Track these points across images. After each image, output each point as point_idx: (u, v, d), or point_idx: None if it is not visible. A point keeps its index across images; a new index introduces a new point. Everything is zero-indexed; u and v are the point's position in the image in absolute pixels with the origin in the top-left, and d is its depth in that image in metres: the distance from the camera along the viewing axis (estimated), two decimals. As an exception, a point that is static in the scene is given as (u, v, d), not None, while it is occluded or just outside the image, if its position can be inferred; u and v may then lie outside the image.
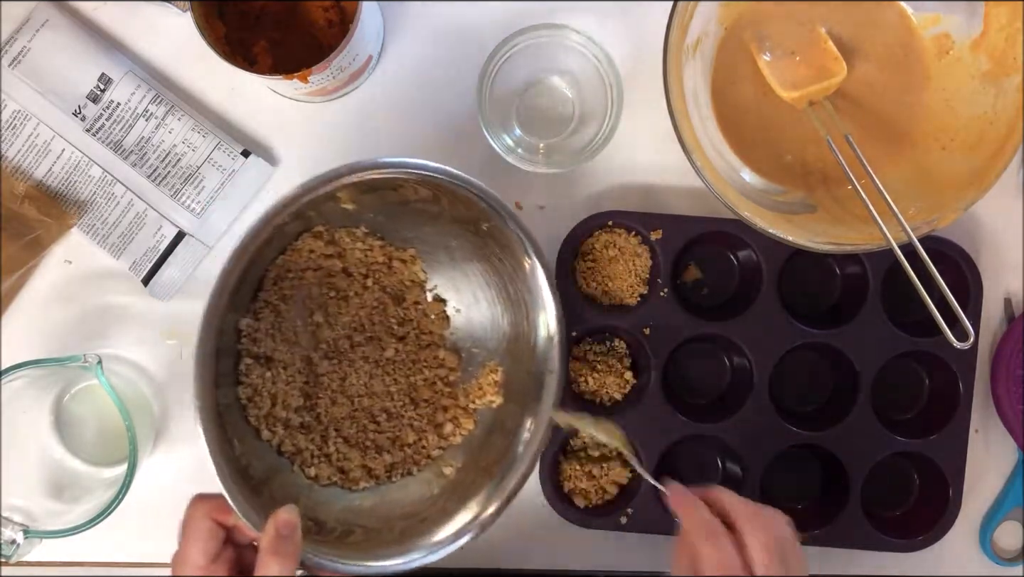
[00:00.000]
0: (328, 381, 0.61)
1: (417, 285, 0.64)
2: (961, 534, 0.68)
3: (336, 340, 0.62)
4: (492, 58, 0.60)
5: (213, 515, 0.50)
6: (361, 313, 0.63)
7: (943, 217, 0.58)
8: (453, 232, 0.61)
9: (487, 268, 0.62)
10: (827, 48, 0.62)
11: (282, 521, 0.49)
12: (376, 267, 0.63)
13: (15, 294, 0.65)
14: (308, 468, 0.60)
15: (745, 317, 0.65)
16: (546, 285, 0.58)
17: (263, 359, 0.60)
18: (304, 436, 0.60)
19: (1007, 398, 0.67)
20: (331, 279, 0.62)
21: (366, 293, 0.63)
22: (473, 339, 0.64)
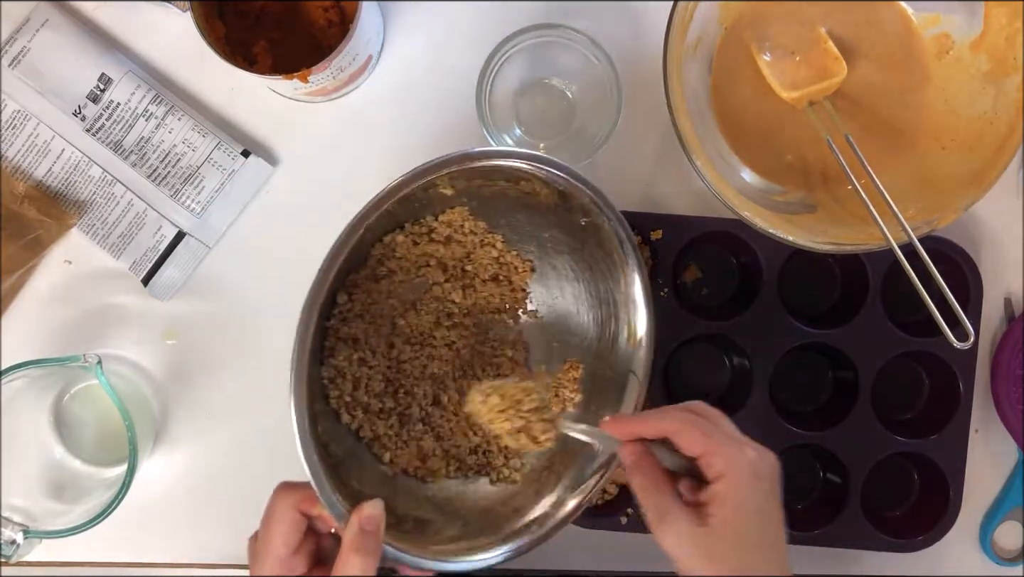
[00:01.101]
0: (410, 368, 0.60)
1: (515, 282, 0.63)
2: (961, 534, 0.68)
3: (422, 326, 0.61)
4: (492, 58, 0.60)
5: (299, 505, 0.48)
6: (451, 300, 0.62)
7: (943, 217, 0.58)
8: (547, 223, 0.60)
9: (578, 263, 0.61)
10: (827, 48, 0.62)
11: (366, 516, 0.47)
12: (477, 256, 0.62)
13: (15, 294, 0.65)
14: (384, 453, 0.58)
15: (745, 317, 0.65)
16: (641, 288, 0.57)
17: (350, 340, 0.58)
18: (383, 422, 0.59)
19: (1007, 398, 0.67)
20: (428, 262, 0.61)
21: (460, 280, 0.62)
22: (555, 333, 0.63)
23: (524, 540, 0.55)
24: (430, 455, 0.60)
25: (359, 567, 0.46)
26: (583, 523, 0.65)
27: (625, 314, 0.59)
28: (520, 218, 0.60)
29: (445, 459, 0.60)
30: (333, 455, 0.54)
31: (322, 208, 0.66)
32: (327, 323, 0.58)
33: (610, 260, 0.58)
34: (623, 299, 0.59)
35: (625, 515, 0.65)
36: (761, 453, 0.47)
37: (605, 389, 0.60)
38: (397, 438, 0.59)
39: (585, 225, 0.57)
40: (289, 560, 0.47)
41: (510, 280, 0.63)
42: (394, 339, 0.60)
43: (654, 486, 0.48)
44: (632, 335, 0.59)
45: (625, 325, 0.59)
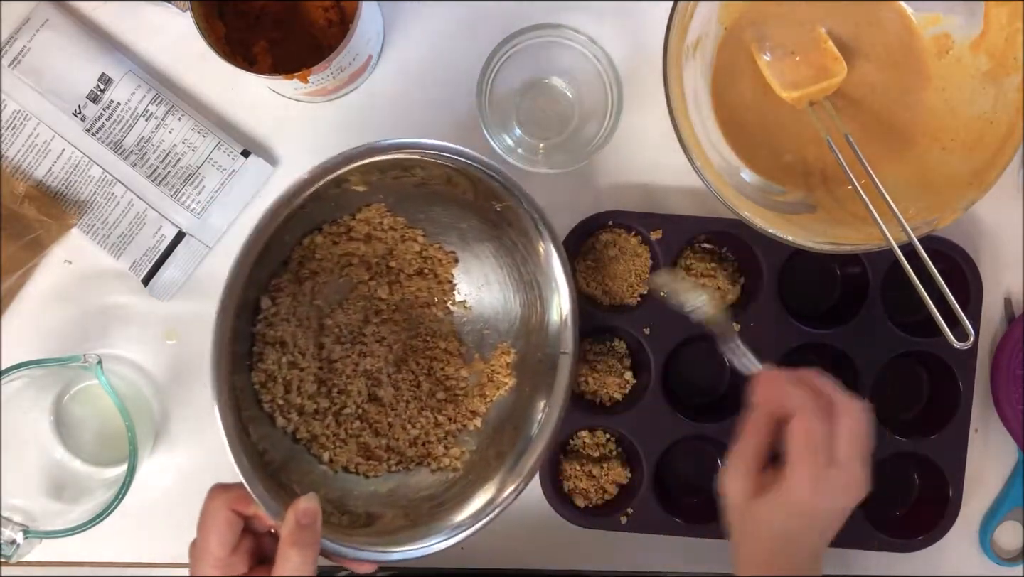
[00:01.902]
0: (342, 367, 0.61)
1: (440, 274, 0.64)
2: (961, 534, 0.68)
3: (351, 325, 0.62)
4: (492, 58, 0.60)
5: (232, 505, 0.49)
6: (378, 297, 0.62)
7: (943, 217, 0.58)
8: (465, 214, 0.61)
9: (499, 249, 0.62)
10: (827, 48, 0.62)
11: (302, 510, 0.48)
12: (399, 251, 0.62)
13: (15, 294, 0.65)
14: (324, 453, 0.59)
15: (745, 317, 0.65)
16: (560, 266, 0.58)
17: (278, 344, 0.59)
18: (319, 422, 0.60)
19: (1007, 398, 0.67)
20: (351, 261, 0.62)
21: (385, 277, 0.63)
22: (484, 321, 0.64)
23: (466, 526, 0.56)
24: (369, 451, 0.61)
25: (298, 561, 0.47)
26: (583, 523, 0.65)
27: (549, 294, 0.60)
28: (437, 210, 0.61)
29: (385, 453, 0.61)
30: (271, 461, 0.55)
31: (322, 208, 0.66)
32: (253, 328, 0.59)
33: (527, 242, 0.59)
34: (545, 280, 0.59)
35: (625, 515, 0.65)
36: (833, 492, 0.49)
37: (539, 371, 0.61)
38: (335, 437, 0.60)
39: (500, 210, 0.58)
40: (227, 560, 0.48)
41: (435, 273, 0.64)
42: (323, 339, 0.61)
43: (751, 439, 0.51)
44: (557, 314, 0.59)
45: (550, 306, 0.60)
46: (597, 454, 0.66)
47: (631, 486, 0.66)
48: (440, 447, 0.62)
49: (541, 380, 0.60)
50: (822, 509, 0.49)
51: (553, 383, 0.59)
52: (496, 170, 0.55)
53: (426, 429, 0.62)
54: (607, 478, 0.66)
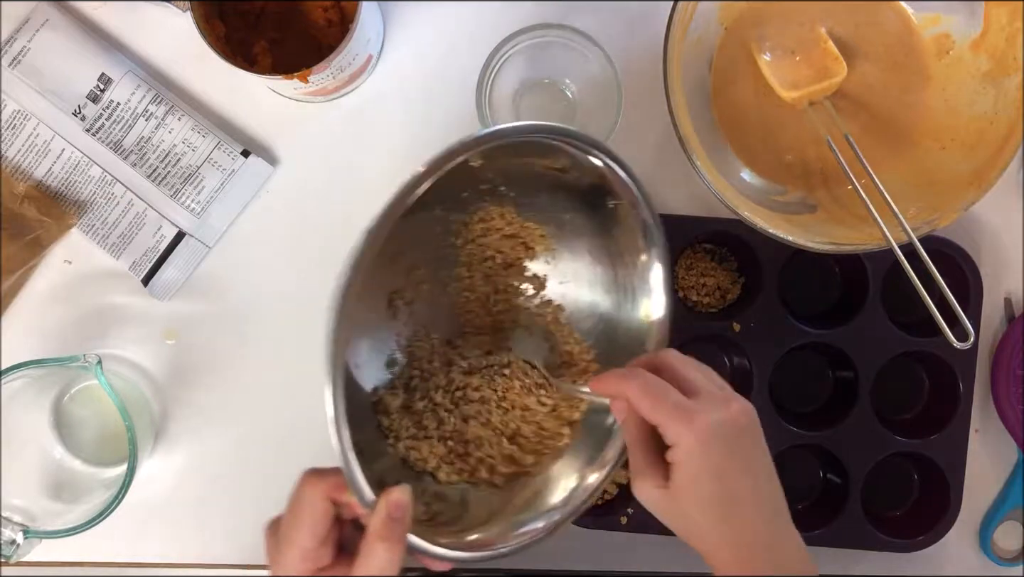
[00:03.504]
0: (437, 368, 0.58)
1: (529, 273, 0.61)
2: (961, 534, 0.68)
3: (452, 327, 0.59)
4: (492, 58, 0.60)
5: (329, 493, 0.45)
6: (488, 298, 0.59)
7: (943, 217, 0.58)
8: (571, 205, 0.57)
9: (597, 246, 0.59)
10: (827, 48, 0.62)
11: (394, 502, 0.44)
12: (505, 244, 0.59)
13: (15, 294, 0.65)
14: (410, 451, 0.55)
15: (745, 317, 0.65)
16: (661, 274, 0.56)
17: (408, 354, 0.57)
18: (410, 417, 0.56)
19: (1007, 398, 0.67)
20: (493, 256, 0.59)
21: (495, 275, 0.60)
22: (567, 317, 0.60)
23: (546, 522, 0.54)
24: (466, 462, 0.57)
25: (385, 556, 0.44)
26: (583, 523, 0.65)
27: (641, 299, 0.57)
28: (544, 198, 0.58)
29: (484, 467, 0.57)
30: (355, 442, 0.50)
31: (322, 208, 0.66)
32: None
33: (632, 245, 0.56)
34: (640, 284, 0.57)
35: (625, 515, 0.65)
36: (714, 413, 0.46)
37: None
38: (422, 433, 0.56)
39: (613, 208, 0.55)
40: (315, 552, 0.45)
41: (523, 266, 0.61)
42: (451, 354, 0.58)
43: (634, 443, 0.48)
44: (646, 319, 0.57)
45: (640, 309, 0.57)
46: (597, 454, 0.66)
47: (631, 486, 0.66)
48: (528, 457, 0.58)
49: None
50: (714, 440, 0.45)
51: None
52: (624, 165, 0.52)
53: (511, 437, 0.58)
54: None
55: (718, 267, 0.67)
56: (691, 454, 0.45)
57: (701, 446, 0.45)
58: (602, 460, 0.55)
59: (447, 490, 0.55)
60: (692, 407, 0.46)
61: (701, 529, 0.46)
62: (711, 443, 0.45)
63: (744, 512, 0.46)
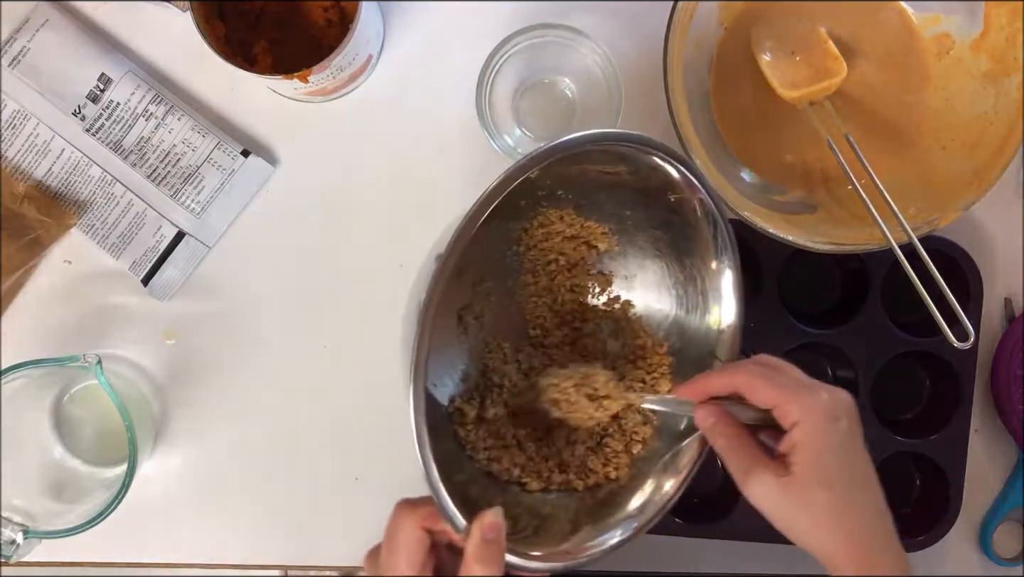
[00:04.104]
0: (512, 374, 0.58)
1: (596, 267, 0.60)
2: (961, 534, 0.68)
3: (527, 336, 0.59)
4: (492, 58, 0.60)
5: (423, 523, 0.46)
6: (555, 299, 0.59)
7: (943, 217, 0.58)
8: (631, 201, 0.57)
9: (662, 242, 0.58)
10: (827, 48, 0.62)
11: (488, 524, 0.45)
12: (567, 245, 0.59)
13: (15, 294, 0.65)
14: (491, 462, 0.55)
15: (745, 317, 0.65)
16: (731, 279, 0.55)
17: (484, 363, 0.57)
18: (487, 427, 0.56)
19: (1007, 398, 0.67)
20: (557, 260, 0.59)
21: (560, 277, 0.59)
22: (636, 312, 0.60)
23: (623, 530, 0.53)
24: (539, 467, 0.57)
25: None
26: (583, 523, 0.65)
27: (711, 295, 0.56)
28: (602, 196, 0.57)
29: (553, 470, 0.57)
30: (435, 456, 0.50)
31: (322, 208, 0.66)
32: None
33: (698, 237, 0.55)
34: (709, 277, 0.56)
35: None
36: (834, 394, 0.46)
37: (689, 370, 0.56)
38: (501, 444, 0.56)
39: (676, 201, 0.54)
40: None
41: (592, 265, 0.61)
42: (519, 357, 0.58)
43: (735, 445, 0.48)
44: (716, 317, 0.56)
45: (709, 304, 0.56)
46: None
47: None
48: (611, 463, 0.57)
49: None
50: (840, 417, 0.46)
51: None
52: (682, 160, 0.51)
53: (596, 443, 0.58)
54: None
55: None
56: (817, 430, 0.45)
57: (827, 421, 0.45)
58: (676, 467, 0.55)
59: (530, 500, 0.55)
60: (814, 383, 0.46)
61: (819, 521, 0.45)
62: (835, 420, 0.45)
63: (864, 499, 0.46)
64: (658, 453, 0.56)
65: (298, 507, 0.66)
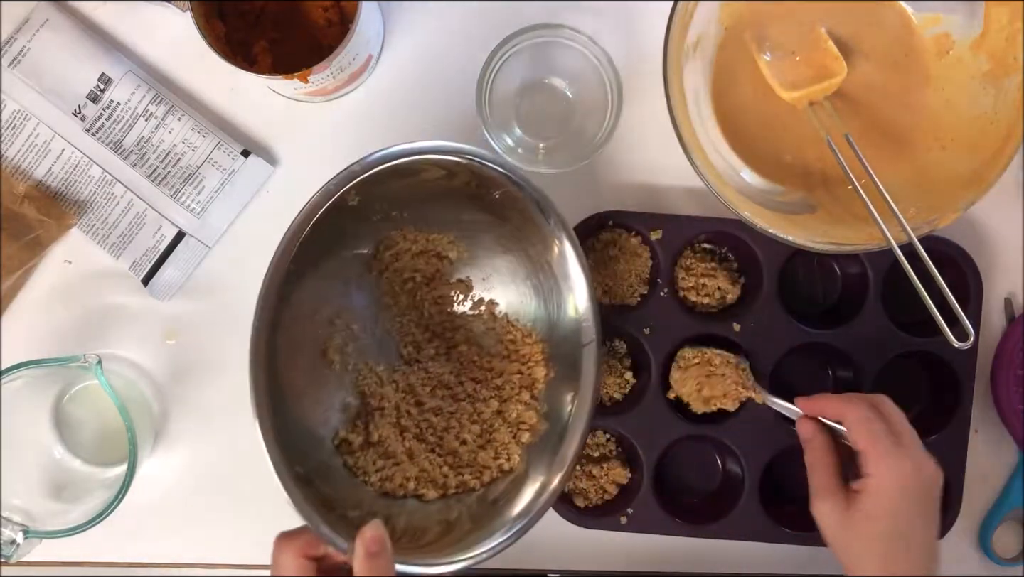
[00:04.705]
0: (393, 394, 0.60)
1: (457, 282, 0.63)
2: (961, 534, 0.68)
3: (401, 347, 0.61)
4: (492, 58, 0.60)
5: (303, 552, 0.48)
6: (421, 315, 0.62)
7: (943, 217, 0.58)
8: (464, 206, 0.59)
9: (504, 238, 0.60)
10: (827, 48, 0.62)
11: (370, 538, 0.46)
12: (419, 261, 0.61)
13: (15, 294, 0.65)
14: (384, 482, 0.57)
15: (745, 317, 0.65)
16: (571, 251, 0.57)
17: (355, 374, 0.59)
18: (375, 450, 0.58)
19: (1007, 398, 0.67)
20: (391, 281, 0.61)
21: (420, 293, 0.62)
22: (502, 310, 0.62)
23: (516, 527, 0.55)
24: (427, 475, 0.59)
25: None
26: (583, 523, 0.65)
27: (563, 281, 0.58)
28: (437, 207, 0.59)
29: (436, 480, 0.59)
30: (314, 484, 0.53)
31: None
32: None
33: (533, 228, 0.57)
34: (559, 267, 0.58)
35: (625, 515, 0.65)
36: (917, 468, 0.50)
37: (565, 361, 0.59)
38: (386, 462, 0.58)
39: (500, 197, 0.56)
40: None
41: (442, 273, 0.62)
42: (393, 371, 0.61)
43: (820, 464, 0.54)
44: (576, 300, 0.58)
45: (567, 293, 0.59)
46: (597, 454, 0.66)
47: (631, 486, 0.66)
48: (501, 456, 0.59)
49: (569, 371, 0.58)
50: (911, 488, 0.50)
51: (580, 373, 0.58)
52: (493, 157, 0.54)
53: (486, 440, 0.60)
54: (607, 478, 0.66)
55: (718, 267, 0.67)
56: (883, 491, 0.50)
57: (898, 489, 0.50)
58: (562, 457, 0.57)
59: (431, 510, 0.57)
60: (903, 451, 0.50)
61: (862, 561, 0.50)
62: (906, 489, 0.50)
63: (905, 562, 0.50)
64: (548, 440, 0.58)
65: (298, 507, 0.66)
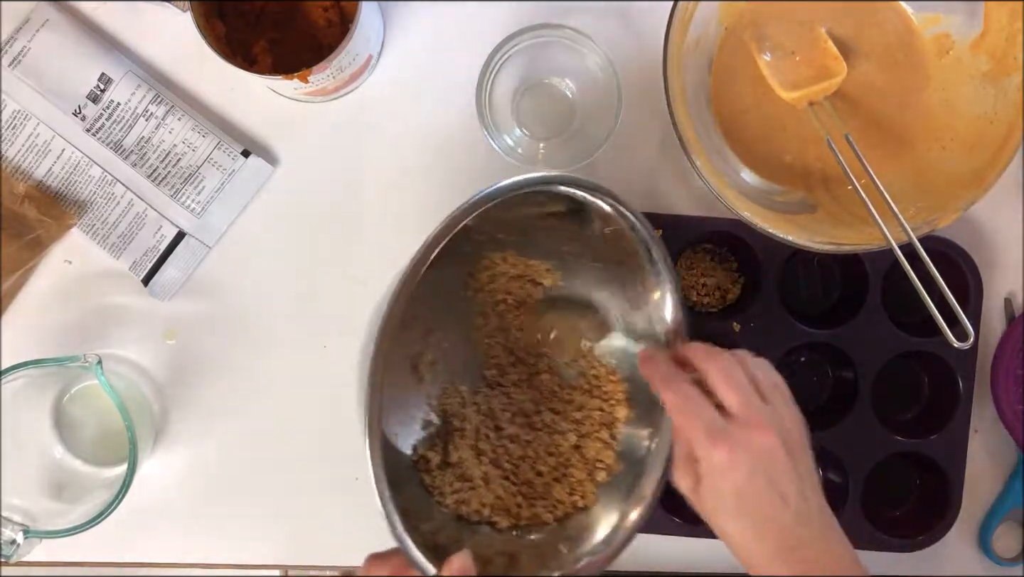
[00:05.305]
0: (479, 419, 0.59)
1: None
2: (961, 534, 0.68)
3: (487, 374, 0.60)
4: (492, 58, 0.60)
5: (394, 573, 0.48)
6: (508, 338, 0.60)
7: (943, 217, 0.58)
8: (569, 237, 0.57)
9: (604, 272, 0.58)
10: (827, 48, 0.62)
11: (457, 568, 0.47)
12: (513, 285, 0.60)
13: (15, 294, 0.65)
14: (460, 505, 0.56)
15: (745, 317, 0.65)
16: (671, 298, 0.55)
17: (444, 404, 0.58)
18: (452, 471, 0.57)
19: (1007, 398, 0.67)
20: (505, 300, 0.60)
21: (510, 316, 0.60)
22: (588, 345, 0.60)
23: (591, 559, 0.54)
24: (499, 510, 0.57)
25: None
26: (583, 523, 0.65)
27: (658, 324, 0.56)
28: (540, 236, 0.58)
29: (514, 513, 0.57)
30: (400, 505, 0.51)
31: (322, 208, 0.66)
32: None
33: (639, 270, 0.55)
34: (654, 309, 0.56)
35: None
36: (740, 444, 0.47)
37: (643, 402, 0.57)
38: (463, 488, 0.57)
39: (608, 234, 0.54)
40: None
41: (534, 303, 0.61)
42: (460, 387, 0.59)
43: (679, 434, 0.50)
44: (661, 327, 0.56)
45: (656, 327, 0.56)
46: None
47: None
48: (576, 492, 0.58)
49: (646, 410, 0.57)
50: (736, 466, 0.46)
51: (660, 409, 0.55)
52: (609, 192, 0.51)
53: (561, 474, 0.58)
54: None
55: (718, 267, 0.67)
56: (713, 473, 0.47)
57: (723, 471, 0.47)
58: (640, 495, 0.55)
59: (501, 540, 0.56)
60: (719, 434, 0.47)
61: (725, 531, 0.48)
62: (733, 469, 0.47)
63: (767, 528, 0.47)
64: (623, 479, 0.57)
65: (298, 507, 0.66)
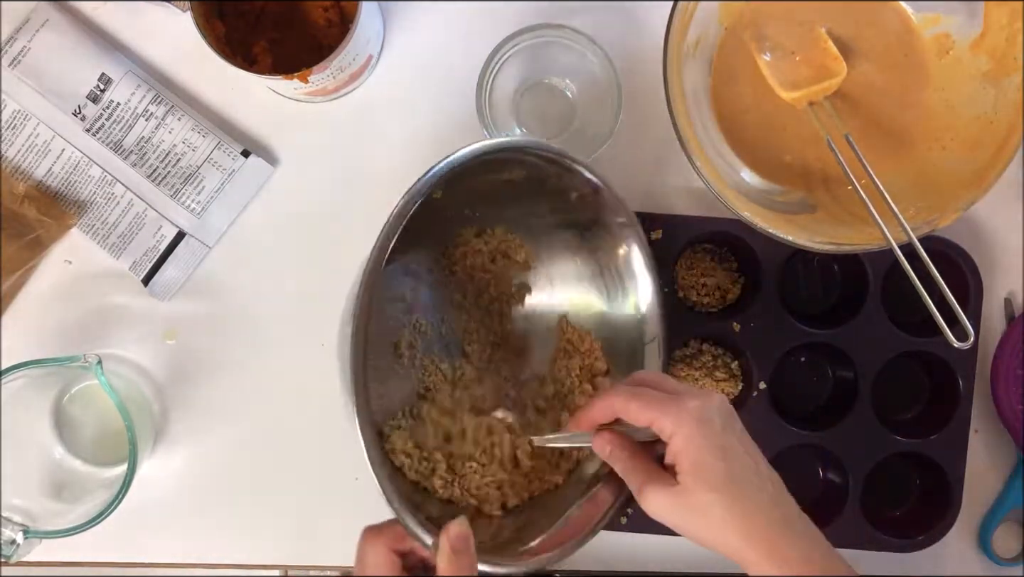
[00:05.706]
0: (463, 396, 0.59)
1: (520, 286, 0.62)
2: (961, 534, 0.68)
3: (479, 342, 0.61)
4: (492, 58, 0.60)
5: (391, 545, 0.48)
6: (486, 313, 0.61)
7: (943, 217, 0.58)
8: (536, 206, 0.59)
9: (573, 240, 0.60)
10: (827, 48, 0.62)
11: (455, 535, 0.46)
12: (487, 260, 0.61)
13: (15, 294, 0.65)
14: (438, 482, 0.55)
15: (745, 317, 0.65)
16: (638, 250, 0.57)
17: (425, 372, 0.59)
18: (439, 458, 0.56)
19: (1007, 398, 0.67)
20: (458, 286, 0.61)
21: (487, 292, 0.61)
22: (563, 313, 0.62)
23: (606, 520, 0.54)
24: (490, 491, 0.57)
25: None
26: (583, 523, 0.65)
27: (629, 281, 0.59)
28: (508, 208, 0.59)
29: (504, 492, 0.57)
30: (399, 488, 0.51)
31: (322, 208, 0.66)
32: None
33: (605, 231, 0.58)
34: (625, 267, 0.58)
35: (625, 515, 0.65)
36: (702, 398, 0.47)
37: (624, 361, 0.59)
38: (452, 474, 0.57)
39: (576, 199, 0.56)
40: None
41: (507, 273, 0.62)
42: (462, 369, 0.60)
43: (630, 467, 0.49)
44: (638, 299, 0.59)
45: (629, 292, 0.59)
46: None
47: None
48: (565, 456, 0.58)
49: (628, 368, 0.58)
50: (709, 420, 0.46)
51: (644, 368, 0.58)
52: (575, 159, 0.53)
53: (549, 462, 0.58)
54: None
55: (718, 267, 0.67)
56: (691, 437, 0.46)
57: (699, 426, 0.46)
58: None
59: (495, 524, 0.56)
60: (679, 396, 0.47)
61: (714, 523, 0.46)
62: (707, 423, 0.46)
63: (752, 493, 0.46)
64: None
65: (298, 507, 0.66)
